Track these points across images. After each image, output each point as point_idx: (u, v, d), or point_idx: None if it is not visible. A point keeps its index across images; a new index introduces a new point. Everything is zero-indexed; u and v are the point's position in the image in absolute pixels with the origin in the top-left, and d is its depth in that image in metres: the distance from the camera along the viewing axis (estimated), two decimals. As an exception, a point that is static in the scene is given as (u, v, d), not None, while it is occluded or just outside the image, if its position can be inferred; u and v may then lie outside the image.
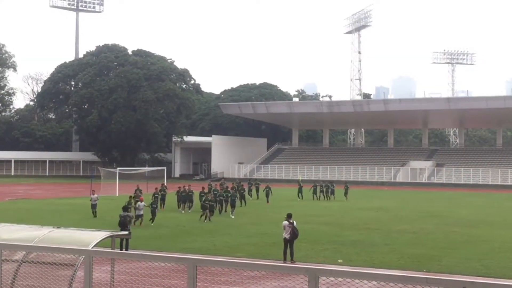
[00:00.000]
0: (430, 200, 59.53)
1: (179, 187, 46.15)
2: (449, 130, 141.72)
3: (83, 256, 10.29)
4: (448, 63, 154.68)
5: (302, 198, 56.86)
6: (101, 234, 12.30)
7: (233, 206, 40.69)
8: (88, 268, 9.98)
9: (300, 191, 58.11)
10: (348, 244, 26.98)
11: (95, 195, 40.38)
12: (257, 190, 58.04)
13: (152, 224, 34.41)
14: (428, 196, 66.38)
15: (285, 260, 22.44)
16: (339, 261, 22.71)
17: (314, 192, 57.87)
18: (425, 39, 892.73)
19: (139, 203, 34.69)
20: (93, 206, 39.66)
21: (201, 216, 36.94)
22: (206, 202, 37.15)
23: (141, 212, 34.16)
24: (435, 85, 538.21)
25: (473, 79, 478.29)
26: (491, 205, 52.98)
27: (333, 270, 8.23)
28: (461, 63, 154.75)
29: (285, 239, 22.73)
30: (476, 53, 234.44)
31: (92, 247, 11.24)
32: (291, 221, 22.96)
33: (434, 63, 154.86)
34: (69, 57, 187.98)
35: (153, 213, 35.58)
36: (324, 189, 58.23)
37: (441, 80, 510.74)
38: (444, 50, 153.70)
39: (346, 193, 57.97)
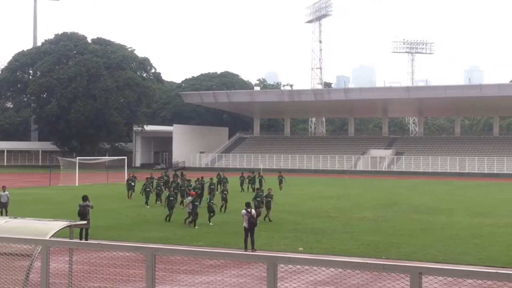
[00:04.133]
0: (390, 188, 60.22)
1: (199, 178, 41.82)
2: (409, 119, 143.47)
3: (41, 246, 10.16)
4: (408, 52, 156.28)
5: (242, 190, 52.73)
6: (59, 224, 12.15)
7: (268, 208, 31.44)
8: (45, 258, 9.87)
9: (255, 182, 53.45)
10: (309, 232, 27.15)
11: (6, 192, 32.66)
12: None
13: (211, 223, 29.70)
14: (388, 184, 67.15)
15: (246, 248, 22.53)
16: (300, 249, 22.85)
17: (242, 184, 54.05)
18: (385, 28, 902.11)
19: (189, 197, 30.60)
20: (2, 205, 32.24)
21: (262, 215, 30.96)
22: (259, 198, 31.24)
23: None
24: (395, 74, 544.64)
25: (432, 68, 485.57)
26: (449, 193, 53.74)
27: (291, 258, 8.28)
28: (420, 52, 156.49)
29: (245, 227, 22.86)
30: (435, 43, 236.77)
31: (49, 237, 11.11)
32: (249, 210, 23.13)
33: (394, 52, 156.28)
34: (27, 45, 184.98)
35: (212, 210, 30.12)
36: (258, 180, 53.31)
37: (401, 69, 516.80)
38: (404, 39, 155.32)
39: (280, 183, 54.59)
